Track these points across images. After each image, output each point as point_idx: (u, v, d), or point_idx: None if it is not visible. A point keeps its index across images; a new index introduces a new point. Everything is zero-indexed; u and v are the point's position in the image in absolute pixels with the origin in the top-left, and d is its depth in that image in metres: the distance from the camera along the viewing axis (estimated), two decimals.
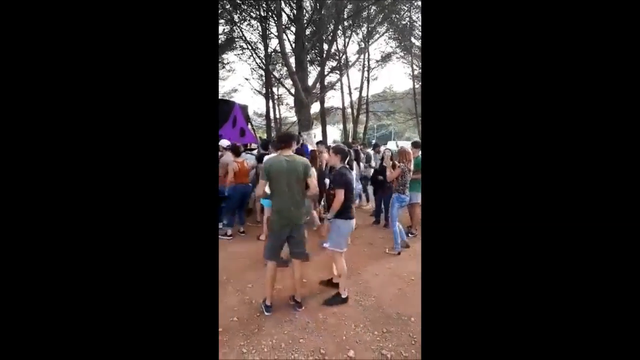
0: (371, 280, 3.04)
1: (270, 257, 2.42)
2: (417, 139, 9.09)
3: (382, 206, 4.78)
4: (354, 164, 4.84)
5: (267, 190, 2.35)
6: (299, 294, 2.54)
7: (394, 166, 3.79)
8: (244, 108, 7.50)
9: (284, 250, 2.49)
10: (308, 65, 11.18)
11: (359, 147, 5.94)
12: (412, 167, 3.75)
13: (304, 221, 2.46)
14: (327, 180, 3.63)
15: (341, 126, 18.14)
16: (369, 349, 2.07)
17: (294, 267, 2.52)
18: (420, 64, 16.17)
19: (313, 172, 2.45)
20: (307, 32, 10.28)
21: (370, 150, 6.48)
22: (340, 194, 2.44)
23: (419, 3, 13.75)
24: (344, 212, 2.52)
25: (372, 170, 5.49)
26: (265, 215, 3.95)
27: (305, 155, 3.67)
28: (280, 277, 2.57)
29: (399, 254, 3.72)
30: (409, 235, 4.32)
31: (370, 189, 5.77)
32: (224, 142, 4.78)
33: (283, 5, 9.30)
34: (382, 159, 4.51)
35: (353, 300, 2.67)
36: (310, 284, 2.92)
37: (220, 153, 4.44)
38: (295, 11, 9.58)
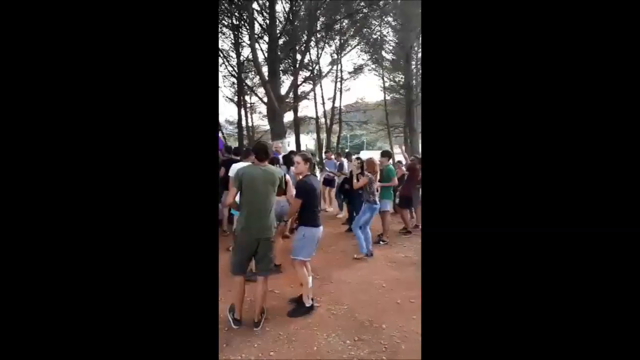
0: (343, 289, 3.04)
1: (237, 272, 2.30)
2: (388, 148, 9.38)
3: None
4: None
5: (237, 199, 2.28)
6: (257, 314, 2.35)
7: (359, 176, 3.90)
8: None
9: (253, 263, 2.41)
10: (281, 74, 11.24)
11: (332, 156, 6.02)
12: (377, 177, 3.89)
13: (272, 235, 2.34)
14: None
15: (315, 135, 18.28)
16: (340, 358, 2.06)
17: (258, 284, 2.35)
18: (391, 76, 16.82)
19: (289, 181, 2.44)
20: (280, 42, 10.37)
21: (344, 159, 6.57)
22: (296, 203, 2.44)
23: (389, 19, 14.40)
24: (309, 220, 2.49)
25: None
26: (235, 225, 3.85)
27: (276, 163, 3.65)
28: (251, 289, 2.50)
29: (366, 255, 3.79)
30: (380, 243, 4.40)
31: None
32: None
33: (255, 14, 9.32)
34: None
35: (325, 309, 2.65)
36: (282, 294, 2.86)
37: None
38: (267, 21, 9.65)
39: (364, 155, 6.41)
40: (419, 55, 16.38)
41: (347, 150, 9.57)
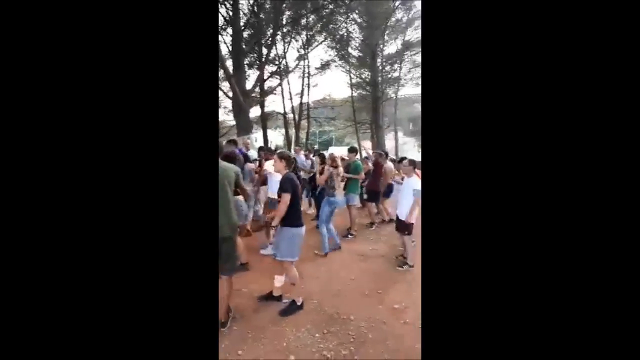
0: (312, 283, 3.06)
1: None
2: (356, 144, 9.54)
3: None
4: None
5: None
6: (222, 314, 2.31)
7: (322, 171, 3.95)
8: None
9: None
10: (246, 68, 10.95)
11: (302, 153, 6.01)
12: (340, 171, 3.96)
13: (233, 234, 2.27)
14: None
15: (283, 131, 18.10)
16: (310, 352, 2.08)
17: (222, 283, 2.26)
18: (357, 73, 17.07)
19: (241, 176, 2.35)
20: (245, 34, 10.09)
21: (312, 157, 6.59)
22: (286, 197, 2.34)
23: (355, 16, 14.57)
24: (294, 220, 2.43)
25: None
26: None
27: (236, 158, 3.48)
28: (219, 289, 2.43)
29: (326, 255, 3.83)
30: (349, 236, 4.49)
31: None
32: None
33: (218, 5, 8.97)
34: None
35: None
36: (250, 292, 2.82)
37: None
38: (231, 12, 9.33)
39: (334, 151, 6.49)
40: (384, 52, 16.80)
41: (315, 147, 9.62)
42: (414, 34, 16.32)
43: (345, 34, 15.26)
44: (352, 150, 4.83)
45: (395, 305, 2.68)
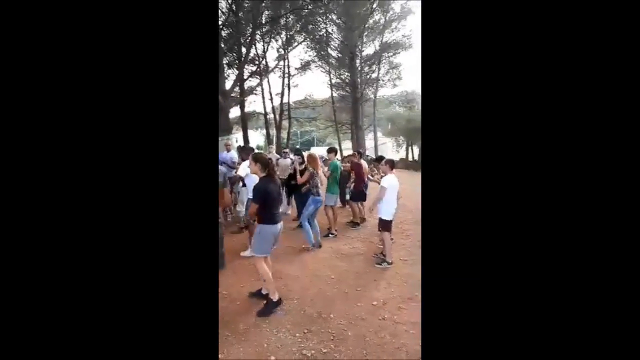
0: (292, 283, 3.08)
1: None
2: (336, 144, 9.60)
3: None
4: None
5: None
6: None
7: (302, 171, 4.01)
8: None
9: None
10: (226, 68, 10.79)
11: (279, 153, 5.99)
12: (320, 171, 4.07)
13: (219, 232, 2.38)
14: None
15: (264, 131, 17.95)
16: (290, 352, 2.09)
17: None
18: (337, 73, 17.19)
19: (227, 182, 2.39)
20: (224, 34, 9.93)
21: (292, 155, 6.58)
22: (253, 207, 2.47)
23: (334, 17, 14.67)
24: (267, 218, 2.49)
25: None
26: None
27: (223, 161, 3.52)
28: None
29: (312, 247, 3.98)
30: (330, 235, 4.53)
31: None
32: None
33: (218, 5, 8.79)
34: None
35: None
36: (230, 295, 2.80)
37: None
38: None
39: (315, 151, 6.53)
40: (363, 53, 17.02)
41: (297, 147, 9.62)
42: (391, 35, 16.66)
43: (325, 34, 15.34)
44: (331, 150, 4.89)
45: (374, 302, 2.75)
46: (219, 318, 2.39)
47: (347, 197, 5.54)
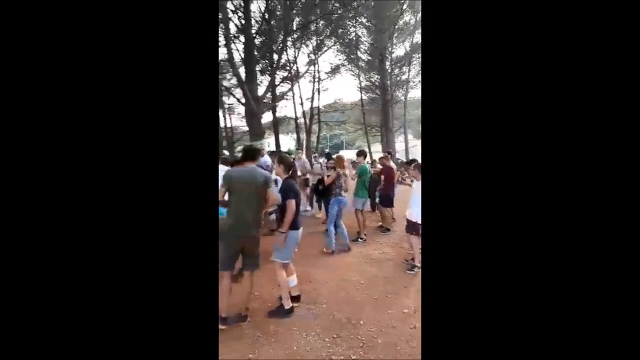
0: (322, 288, 3.10)
1: (224, 268, 2.36)
2: (366, 147, 9.54)
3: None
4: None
5: (226, 197, 2.39)
6: (243, 308, 2.50)
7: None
8: None
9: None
10: (258, 74, 11.14)
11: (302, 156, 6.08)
12: (347, 172, 4.10)
13: (257, 233, 2.47)
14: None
15: (295, 136, 18.26)
16: (319, 356, 2.11)
17: (245, 279, 2.50)
18: (367, 76, 17.07)
19: (272, 184, 2.48)
20: (257, 42, 10.28)
21: (322, 159, 6.65)
22: (292, 204, 2.42)
23: (363, 20, 14.63)
24: (292, 224, 2.50)
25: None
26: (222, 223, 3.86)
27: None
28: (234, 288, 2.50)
29: (332, 252, 3.94)
30: (359, 240, 4.50)
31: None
32: None
33: (230, 14, 9.19)
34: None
35: (304, 308, 2.69)
36: (262, 296, 2.88)
37: None
38: (243, 21, 9.53)
39: (344, 154, 6.55)
40: (393, 55, 16.76)
41: (326, 151, 9.69)
42: None
43: (354, 38, 15.33)
44: (360, 153, 4.85)
45: (404, 309, 2.68)
46: (251, 319, 2.49)
47: (377, 200, 5.47)
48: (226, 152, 8.35)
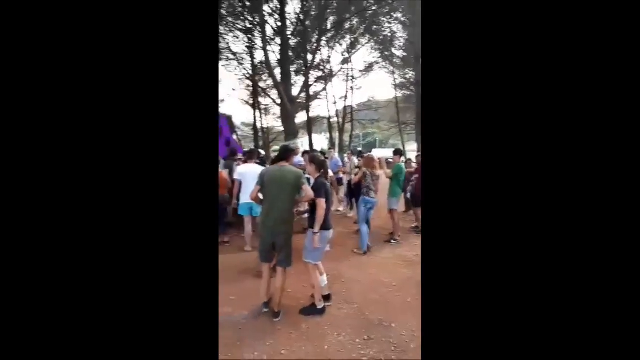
0: (354, 288, 3.08)
1: (262, 260, 2.58)
2: (400, 146, 9.31)
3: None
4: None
5: (261, 196, 2.50)
6: (276, 304, 2.55)
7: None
8: (229, 118, 7.54)
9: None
10: (293, 75, 11.33)
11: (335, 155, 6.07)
12: (379, 172, 4.00)
13: (289, 230, 2.53)
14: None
15: (328, 135, 18.31)
16: (351, 357, 2.10)
17: (277, 275, 2.57)
18: (401, 73, 16.61)
19: (304, 180, 2.51)
20: (292, 42, 10.46)
21: (355, 158, 6.59)
22: (322, 203, 2.42)
23: (399, 15, 14.24)
24: (324, 223, 2.50)
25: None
26: (246, 227, 4.00)
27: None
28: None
29: (365, 253, 3.90)
30: (392, 241, 4.41)
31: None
32: None
33: (267, 17, 9.44)
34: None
35: (336, 308, 2.70)
36: (294, 294, 2.93)
37: None
38: (279, 23, 9.74)
39: (377, 153, 6.46)
40: None
41: (359, 149, 9.60)
42: None
43: (389, 34, 14.98)
44: (396, 152, 4.75)
45: None
46: (283, 315, 2.54)
47: (408, 195, 5.30)
48: (262, 152, 8.61)
